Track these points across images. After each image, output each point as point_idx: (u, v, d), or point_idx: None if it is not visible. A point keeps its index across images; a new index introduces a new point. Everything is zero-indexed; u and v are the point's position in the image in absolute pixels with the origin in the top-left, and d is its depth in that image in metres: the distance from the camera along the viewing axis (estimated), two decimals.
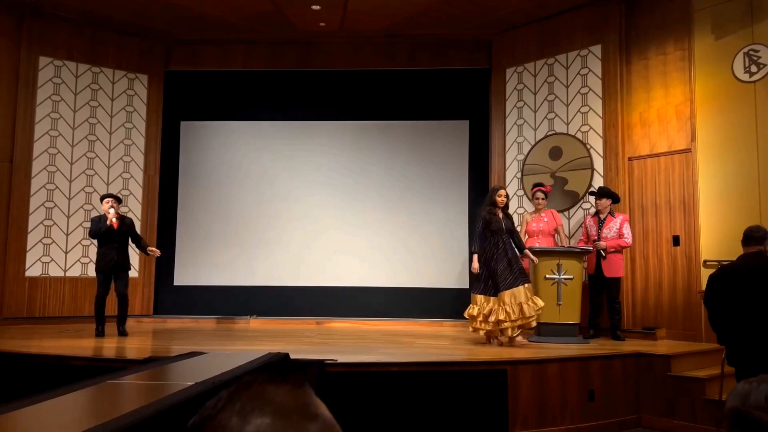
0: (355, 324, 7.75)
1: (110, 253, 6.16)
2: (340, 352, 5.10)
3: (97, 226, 6.18)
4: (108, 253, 6.16)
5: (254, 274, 8.27)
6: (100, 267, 6.19)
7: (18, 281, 7.28)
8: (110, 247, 6.17)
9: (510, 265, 5.63)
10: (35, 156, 7.49)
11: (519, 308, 5.47)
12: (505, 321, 5.49)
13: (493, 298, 5.61)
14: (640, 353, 5.31)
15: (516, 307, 5.47)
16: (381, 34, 8.14)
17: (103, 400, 2.51)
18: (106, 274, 6.17)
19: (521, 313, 5.46)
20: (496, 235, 5.73)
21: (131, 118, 8.16)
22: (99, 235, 6.17)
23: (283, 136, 8.54)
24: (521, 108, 7.75)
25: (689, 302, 6.21)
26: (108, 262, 6.16)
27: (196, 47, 8.43)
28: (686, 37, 6.43)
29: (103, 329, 6.15)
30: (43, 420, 2.03)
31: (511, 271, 5.61)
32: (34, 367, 4.79)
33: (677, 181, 6.43)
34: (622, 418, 5.07)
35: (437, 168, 8.33)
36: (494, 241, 5.73)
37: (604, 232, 6.32)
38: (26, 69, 7.49)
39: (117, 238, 6.20)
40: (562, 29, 7.42)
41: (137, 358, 4.70)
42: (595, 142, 7.05)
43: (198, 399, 2.48)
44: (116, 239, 6.20)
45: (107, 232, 6.14)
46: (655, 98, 6.69)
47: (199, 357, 4.09)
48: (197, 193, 8.47)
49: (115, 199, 6.34)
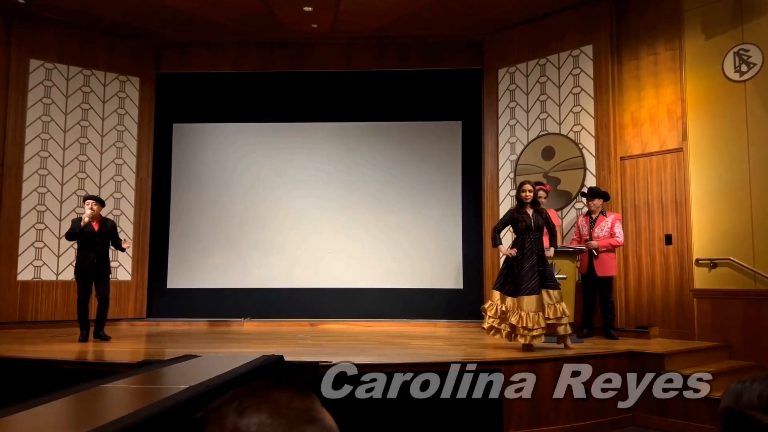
0: (349, 325, 7.75)
1: (90, 256, 6.00)
2: (334, 354, 5.09)
3: (71, 228, 6.03)
4: (87, 256, 6.00)
5: (247, 276, 8.25)
6: (80, 271, 6.03)
7: (10, 285, 7.23)
8: (90, 250, 6.01)
9: (533, 268, 5.24)
10: (26, 159, 7.44)
11: (535, 316, 5.15)
12: (518, 326, 5.19)
13: (510, 298, 5.31)
14: (634, 352, 5.33)
15: (533, 315, 5.14)
16: (373, 36, 8.14)
17: (96, 404, 2.49)
18: (86, 278, 6.02)
19: (536, 321, 5.14)
20: (523, 234, 5.36)
21: (123, 121, 8.13)
22: (76, 236, 6.00)
23: (275, 137, 8.52)
24: (514, 108, 7.77)
25: (682, 301, 6.24)
26: (88, 265, 5.99)
27: (187, 49, 8.41)
28: (677, 37, 6.47)
29: (87, 334, 6.02)
30: (36, 425, 2.01)
31: (533, 274, 5.23)
32: (27, 371, 4.76)
33: (669, 180, 6.46)
34: (616, 416, 5.09)
35: (430, 169, 8.33)
36: (521, 240, 5.37)
37: (596, 231, 6.34)
38: (16, 72, 7.44)
39: (97, 242, 6.04)
40: (554, 30, 7.44)
41: (130, 362, 4.68)
42: (588, 142, 7.08)
43: (192, 402, 2.46)
44: (96, 242, 6.04)
45: (88, 234, 5.98)
46: (646, 98, 6.72)
47: (193, 360, 4.07)
48: (190, 196, 8.44)
49: (96, 201, 6.13)
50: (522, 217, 5.39)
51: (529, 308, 5.16)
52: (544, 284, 5.27)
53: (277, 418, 0.64)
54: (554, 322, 5.23)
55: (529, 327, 5.13)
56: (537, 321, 5.14)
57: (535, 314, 5.15)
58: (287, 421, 0.64)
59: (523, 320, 5.15)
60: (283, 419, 0.64)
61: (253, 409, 0.64)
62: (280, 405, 0.65)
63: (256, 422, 0.63)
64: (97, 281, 6.06)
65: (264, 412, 0.64)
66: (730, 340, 5.85)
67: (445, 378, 4.64)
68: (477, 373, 4.71)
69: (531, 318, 5.14)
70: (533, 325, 5.13)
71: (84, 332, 6.03)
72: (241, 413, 0.64)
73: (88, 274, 6.02)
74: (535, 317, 5.14)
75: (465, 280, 8.14)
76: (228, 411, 0.65)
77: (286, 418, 0.64)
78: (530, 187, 5.48)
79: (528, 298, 5.18)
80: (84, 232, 5.99)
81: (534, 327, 5.13)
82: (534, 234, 5.34)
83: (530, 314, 5.14)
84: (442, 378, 4.64)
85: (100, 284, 6.08)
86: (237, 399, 0.66)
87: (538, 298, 5.20)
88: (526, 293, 5.20)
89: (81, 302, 6.02)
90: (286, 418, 0.64)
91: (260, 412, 0.64)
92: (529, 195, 5.41)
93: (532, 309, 5.15)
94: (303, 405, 0.67)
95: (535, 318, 5.14)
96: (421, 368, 4.72)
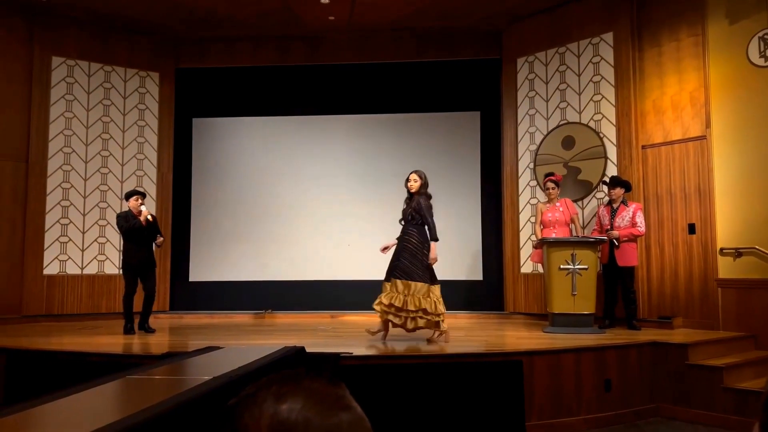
0: (369, 317, 7.75)
1: (140, 251, 6.10)
2: (355, 346, 5.12)
3: (128, 223, 6.07)
4: (138, 251, 6.09)
5: (268, 268, 8.32)
6: (130, 265, 6.10)
7: (36, 280, 7.37)
8: (140, 244, 6.11)
9: (395, 255, 5.45)
10: (50, 155, 7.57)
11: (378, 299, 5.37)
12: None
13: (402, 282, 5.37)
14: (657, 342, 5.28)
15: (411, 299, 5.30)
16: (389, 27, 8.11)
17: (123, 395, 2.54)
18: (135, 272, 6.10)
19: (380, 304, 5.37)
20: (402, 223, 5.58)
21: (144, 116, 8.22)
22: (131, 232, 6.08)
23: (293, 130, 8.55)
24: (533, 98, 7.70)
25: (706, 290, 6.16)
26: (138, 259, 6.09)
27: (205, 44, 8.46)
28: (700, 23, 6.35)
29: (132, 326, 6.13)
30: (67, 415, 2.06)
31: (392, 261, 5.43)
32: (54, 363, 4.86)
33: (692, 168, 6.36)
34: (639, 407, 5.05)
35: (449, 160, 8.30)
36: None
37: (617, 221, 6.28)
38: (39, 69, 7.55)
39: (146, 236, 6.15)
40: (573, 18, 7.35)
41: (155, 354, 4.75)
42: (608, 131, 6.99)
43: (216, 393, 2.50)
44: (145, 237, 6.14)
45: (137, 229, 6.07)
46: (668, 85, 6.62)
47: (216, 352, 4.12)
48: (210, 189, 8.52)
49: (142, 196, 6.27)
50: (404, 207, 5.61)
51: (382, 293, 5.39)
52: (393, 273, 5.37)
53: (314, 405, 0.65)
54: (404, 314, 5.27)
55: (376, 309, 5.40)
56: (380, 304, 5.34)
57: (380, 299, 5.35)
58: (323, 407, 0.65)
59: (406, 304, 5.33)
60: (320, 406, 0.65)
61: (291, 395, 0.66)
62: (315, 392, 0.67)
63: (295, 408, 0.64)
64: (144, 275, 6.16)
65: (301, 399, 0.65)
66: (755, 330, 5.76)
67: (466, 369, 4.65)
68: (498, 364, 4.71)
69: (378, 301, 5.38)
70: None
71: (129, 324, 6.13)
72: (279, 399, 0.65)
73: (136, 269, 6.10)
74: (378, 301, 5.36)
75: (485, 271, 8.12)
76: (266, 396, 0.66)
77: (322, 405, 0.65)
78: (413, 176, 5.52)
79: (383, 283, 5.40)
80: (134, 228, 6.07)
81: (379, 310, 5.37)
82: (405, 224, 5.50)
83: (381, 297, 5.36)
84: (463, 369, 4.65)
85: (148, 278, 6.18)
86: (274, 385, 0.67)
87: (386, 285, 5.37)
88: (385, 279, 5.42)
89: (128, 296, 6.10)
90: (323, 405, 0.66)
91: (297, 399, 0.65)
92: (411, 185, 5.51)
93: (382, 294, 5.38)
94: (336, 393, 0.68)
95: (379, 302, 5.35)
96: (442, 359, 4.73)
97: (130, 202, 6.24)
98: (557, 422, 4.73)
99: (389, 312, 5.30)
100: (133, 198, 6.23)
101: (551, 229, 6.56)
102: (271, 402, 0.65)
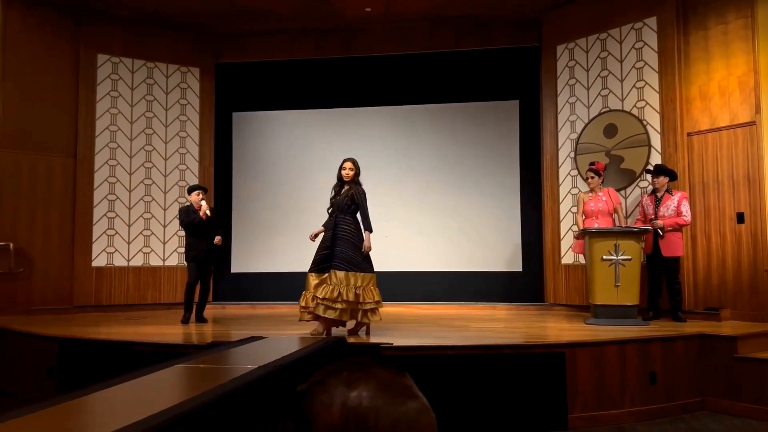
0: (407, 308, 7.80)
1: (200, 244, 6.27)
2: (395, 336, 5.15)
3: (189, 218, 6.26)
4: (200, 244, 6.27)
5: (307, 260, 8.31)
6: (192, 257, 6.27)
7: (86, 272, 7.62)
8: (201, 237, 6.28)
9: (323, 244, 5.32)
10: (97, 150, 7.79)
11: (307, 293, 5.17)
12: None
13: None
14: (704, 334, 5.15)
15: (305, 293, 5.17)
16: (425, 17, 8.06)
17: (174, 383, 2.62)
18: (198, 263, 6.27)
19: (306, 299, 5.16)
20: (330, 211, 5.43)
21: (185, 111, 8.38)
22: (192, 226, 6.27)
23: (331, 123, 8.60)
24: (573, 85, 7.56)
25: (755, 281, 5.97)
26: (200, 251, 6.26)
27: (244, 39, 8.57)
28: (749, 5, 6.12)
29: (190, 316, 6.31)
30: (117, 403, 2.13)
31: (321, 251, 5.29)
32: (104, 352, 5.03)
33: (741, 155, 6.16)
34: (685, 401, 4.95)
35: (487, 150, 8.23)
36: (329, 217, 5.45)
37: (662, 210, 6.13)
38: (85, 67, 7.77)
39: (207, 229, 6.31)
40: (615, 2, 7.17)
41: (200, 343, 4.87)
42: (652, 118, 6.82)
43: (263, 381, 2.55)
44: (206, 230, 6.31)
45: (198, 224, 6.25)
46: (715, 70, 6.41)
47: (260, 341, 4.19)
48: (250, 183, 8.65)
49: (203, 191, 6.46)
50: (333, 195, 5.40)
51: (308, 286, 5.15)
52: (332, 264, 5.13)
53: (384, 393, 0.67)
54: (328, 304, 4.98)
55: (302, 305, 5.15)
56: (306, 299, 5.12)
57: (308, 292, 5.11)
58: (393, 395, 0.67)
59: (303, 298, 5.16)
60: (389, 394, 0.67)
61: (362, 383, 0.67)
62: (384, 380, 0.68)
63: (366, 395, 0.66)
64: (205, 268, 6.34)
65: (371, 386, 0.67)
66: None
67: (507, 360, 4.63)
68: (540, 356, 4.67)
69: (303, 296, 5.16)
70: (303, 303, 5.14)
71: (187, 314, 6.31)
72: (350, 385, 0.67)
73: (195, 260, 6.27)
74: (306, 294, 5.13)
75: (524, 263, 8.04)
76: (337, 383, 0.68)
77: (391, 393, 0.67)
78: (348, 164, 5.38)
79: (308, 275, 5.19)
80: (193, 222, 6.25)
81: (305, 305, 5.12)
82: (337, 213, 5.28)
83: (305, 292, 5.15)
84: (504, 360, 4.63)
85: (207, 271, 6.38)
86: (344, 372, 0.69)
87: (312, 276, 5.15)
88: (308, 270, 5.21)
89: (190, 286, 6.29)
90: (392, 393, 0.67)
91: (368, 386, 0.67)
92: (345, 173, 5.35)
93: (309, 287, 5.13)
94: (403, 382, 0.70)
95: (306, 296, 5.12)
96: (483, 350, 4.72)
97: (192, 196, 6.45)
98: (601, 414, 4.67)
99: (329, 307, 4.96)
100: (194, 192, 6.43)
101: (593, 219, 6.45)
102: (342, 389, 0.67)
